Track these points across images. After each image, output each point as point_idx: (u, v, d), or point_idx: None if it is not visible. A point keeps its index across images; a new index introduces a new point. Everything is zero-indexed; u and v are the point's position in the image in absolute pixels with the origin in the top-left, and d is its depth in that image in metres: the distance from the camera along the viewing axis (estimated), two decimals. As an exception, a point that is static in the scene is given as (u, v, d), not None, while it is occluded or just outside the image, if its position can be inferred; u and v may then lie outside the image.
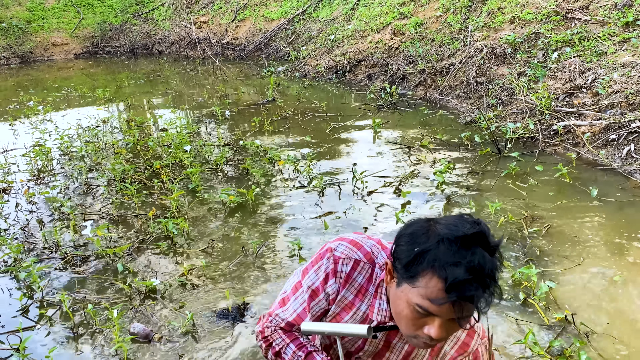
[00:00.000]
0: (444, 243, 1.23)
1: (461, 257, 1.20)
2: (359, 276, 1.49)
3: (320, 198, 4.50)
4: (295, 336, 1.60)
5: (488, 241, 1.24)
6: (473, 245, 1.22)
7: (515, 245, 3.55)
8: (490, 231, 1.27)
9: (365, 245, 1.52)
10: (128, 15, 16.18)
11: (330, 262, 1.49)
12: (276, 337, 1.61)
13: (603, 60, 5.87)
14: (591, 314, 2.84)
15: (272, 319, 1.62)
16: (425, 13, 9.31)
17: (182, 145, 5.58)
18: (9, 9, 15.07)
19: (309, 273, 1.53)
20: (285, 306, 1.59)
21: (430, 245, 1.24)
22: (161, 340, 2.81)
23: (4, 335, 2.93)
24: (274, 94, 8.53)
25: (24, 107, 8.45)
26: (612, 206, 3.99)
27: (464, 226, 1.24)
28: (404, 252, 1.29)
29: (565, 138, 5.28)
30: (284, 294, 1.62)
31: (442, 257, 1.21)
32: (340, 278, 1.49)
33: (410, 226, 1.34)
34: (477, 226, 1.25)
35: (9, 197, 4.85)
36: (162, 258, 3.69)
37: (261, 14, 13.69)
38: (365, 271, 1.49)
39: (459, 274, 1.18)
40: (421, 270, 1.24)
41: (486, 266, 1.21)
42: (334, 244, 1.52)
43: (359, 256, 1.49)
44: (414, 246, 1.27)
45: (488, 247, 1.24)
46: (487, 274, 1.21)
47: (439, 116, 6.72)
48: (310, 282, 1.52)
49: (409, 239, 1.30)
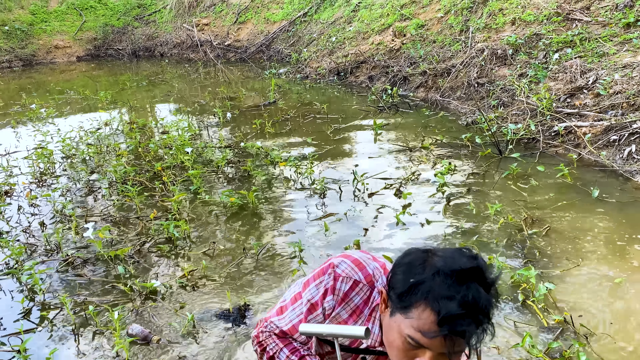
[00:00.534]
0: (439, 276, 1.22)
1: (455, 291, 1.18)
2: (356, 297, 1.49)
3: (321, 200, 4.50)
4: (288, 341, 1.61)
5: (484, 277, 1.23)
6: (469, 280, 1.20)
7: (515, 246, 3.55)
8: (488, 267, 1.26)
9: (368, 267, 1.51)
10: (130, 18, 16.23)
11: (331, 278, 1.49)
12: (270, 342, 1.62)
13: (604, 61, 5.87)
14: (591, 315, 2.83)
15: (268, 324, 1.64)
16: (427, 15, 9.32)
17: (183, 147, 5.59)
18: (11, 12, 15.13)
19: (310, 286, 1.54)
20: (283, 315, 1.60)
21: (425, 277, 1.23)
22: (159, 342, 2.82)
23: (5, 337, 2.95)
24: (275, 95, 8.55)
25: (27, 110, 8.48)
26: (613, 207, 3.98)
27: (461, 260, 1.23)
28: (399, 282, 1.29)
29: (567, 139, 5.27)
30: (283, 303, 1.63)
31: (436, 289, 1.20)
32: (338, 296, 1.49)
33: (408, 256, 1.34)
34: (474, 261, 1.24)
35: (11, 199, 4.87)
36: (163, 260, 3.70)
37: (262, 16, 13.71)
38: (364, 293, 1.49)
39: (452, 308, 1.17)
40: (415, 301, 1.23)
41: (480, 302, 1.19)
42: (337, 260, 1.52)
43: (359, 277, 1.49)
44: (409, 276, 1.26)
45: (484, 282, 1.23)
46: (481, 310, 1.20)
47: (440, 117, 6.73)
48: (310, 295, 1.53)
49: (405, 269, 1.30)
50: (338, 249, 3.64)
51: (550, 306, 2.92)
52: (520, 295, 2.98)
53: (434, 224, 3.94)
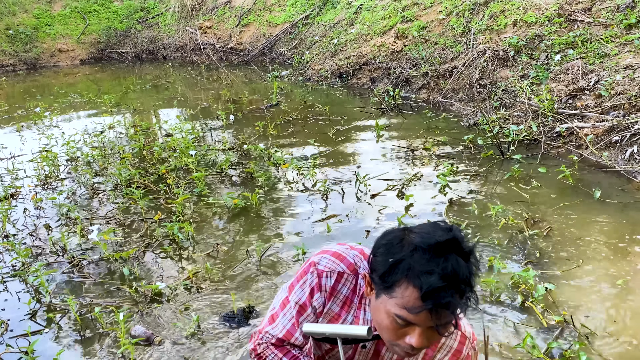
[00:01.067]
0: (417, 252, 1.24)
1: (435, 265, 1.20)
2: (344, 288, 1.51)
3: (323, 201, 4.53)
4: (287, 350, 1.62)
5: (462, 247, 1.25)
6: (446, 252, 1.22)
7: (516, 247, 3.57)
8: (464, 237, 1.28)
9: (348, 257, 1.53)
10: (133, 21, 16.30)
11: (315, 276, 1.50)
12: (269, 353, 1.63)
13: (606, 62, 5.88)
14: (591, 315, 2.85)
15: (263, 336, 1.64)
16: (428, 16, 9.34)
17: (187, 150, 5.63)
18: (15, 16, 15.21)
19: (295, 289, 1.55)
20: (275, 323, 1.61)
21: (404, 255, 1.25)
22: (162, 343, 2.84)
23: (12, 339, 2.98)
24: (277, 98, 8.58)
25: (31, 113, 8.53)
26: (615, 208, 4.00)
27: (437, 233, 1.25)
28: (379, 263, 1.31)
29: (568, 140, 5.29)
30: (273, 311, 1.64)
31: (416, 265, 1.22)
32: (325, 291, 1.50)
33: (386, 236, 1.35)
34: (450, 232, 1.26)
35: (17, 202, 4.91)
36: (168, 262, 3.74)
37: (265, 19, 13.76)
38: (350, 282, 1.51)
39: (433, 282, 1.19)
40: (397, 280, 1.25)
41: (460, 272, 1.21)
42: (316, 258, 1.53)
43: (342, 268, 1.50)
44: (388, 256, 1.28)
45: (462, 253, 1.25)
46: (462, 280, 1.22)
47: (442, 119, 6.75)
48: (297, 297, 1.54)
49: (384, 250, 1.32)
50: (341, 250, 3.65)
51: (550, 307, 2.94)
52: (519, 296, 3.00)
53: (436, 225, 3.96)
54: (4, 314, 3.22)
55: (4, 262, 3.84)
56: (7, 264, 3.79)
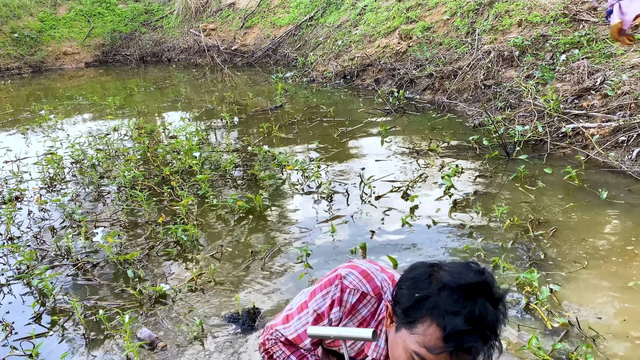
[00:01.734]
0: (445, 290, 1.20)
1: (462, 307, 1.17)
2: (364, 309, 1.48)
3: (328, 203, 4.51)
4: (295, 348, 1.61)
5: (492, 292, 1.21)
6: (475, 295, 1.19)
7: (521, 248, 3.54)
8: (496, 282, 1.24)
9: (376, 279, 1.50)
10: (137, 24, 16.34)
11: (338, 289, 1.48)
12: (277, 350, 1.63)
13: (612, 62, 5.84)
14: (597, 317, 2.82)
15: (273, 332, 1.64)
16: (433, 17, 9.32)
17: (191, 152, 5.63)
18: (20, 19, 15.28)
19: (317, 297, 1.53)
20: (288, 323, 1.60)
21: (431, 292, 1.22)
22: (165, 348, 2.83)
23: (17, 342, 2.98)
24: (282, 99, 8.58)
25: (36, 116, 8.56)
26: (622, 208, 3.96)
27: (468, 275, 1.22)
28: (404, 297, 1.27)
29: (574, 140, 5.25)
30: (289, 311, 1.62)
31: (442, 304, 1.18)
32: (345, 307, 1.48)
33: (413, 270, 1.32)
34: (481, 276, 1.22)
35: (22, 204, 4.92)
36: (172, 264, 3.73)
37: (269, 21, 13.77)
38: (371, 305, 1.48)
39: (458, 324, 1.15)
40: (420, 316, 1.21)
41: (487, 317, 1.18)
42: (344, 271, 1.51)
43: (366, 289, 1.48)
44: (415, 291, 1.25)
45: (491, 298, 1.21)
46: (488, 326, 1.18)
47: (447, 120, 6.72)
48: (316, 306, 1.52)
49: (410, 283, 1.28)
50: (345, 251, 3.65)
51: (555, 308, 2.91)
52: (523, 298, 2.97)
53: (440, 226, 3.94)
54: (9, 317, 3.22)
55: (8, 264, 3.84)
56: (11, 267, 3.79)
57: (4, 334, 3.05)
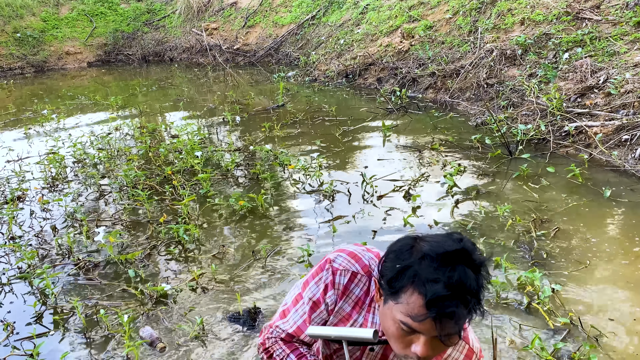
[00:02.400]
0: (425, 260, 1.23)
1: (441, 274, 1.19)
2: (356, 288, 1.51)
3: (330, 202, 4.50)
4: (295, 346, 1.62)
5: (472, 258, 1.23)
6: (455, 262, 1.21)
7: (523, 247, 3.52)
8: (477, 249, 1.26)
9: (364, 258, 1.53)
10: (140, 24, 16.35)
11: (329, 273, 1.51)
12: (277, 348, 1.63)
13: (615, 60, 5.82)
14: (599, 317, 2.80)
15: (273, 330, 1.65)
16: (435, 16, 9.29)
17: (193, 151, 5.62)
18: (23, 19, 15.31)
19: (310, 285, 1.55)
20: (286, 318, 1.61)
21: (412, 262, 1.25)
22: (163, 350, 2.81)
23: (18, 342, 2.97)
24: (284, 99, 8.57)
25: (38, 116, 8.57)
26: (625, 207, 3.94)
27: (447, 243, 1.25)
28: (388, 269, 1.30)
29: (577, 139, 5.23)
30: (285, 306, 1.64)
31: (422, 273, 1.21)
32: (338, 289, 1.51)
33: (397, 243, 1.35)
34: (460, 243, 1.24)
35: (24, 204, 4.92)
36: (173, 263, 3.72)
37: (271, 20, 13.75)
38: (363, 284, 1.51)
39: (438, 290, 1.18)
40: (403, 286, 1.25)
41: (467, 283, 1.20)
42: (333, 255, 1.54)
43: (356, 268, 1.51)
44: (397, 262, 1.28)
45: (472, 264, 1.23)
46: (469, 291, 1.20)
47: (449, 119, 6.70)
48: (311, 293, 1.54)
49: (393, 256, 1.31)
50: (347, 251, 3.63)
51: (557, 308, 2.89)
52: (525, 297, 2.96)
53: (442, 225, 3.93)
54: (10, 317, 3.22)
55: (10, 264, 3.84)
56: (13, 266, 3.79)
57: (5, 333, 3.04)
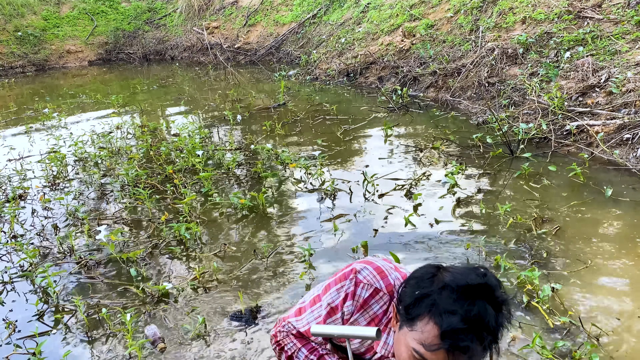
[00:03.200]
0: (445, 290, 1.21)
1: (459, 306, 1.18)
2: (376, 305, 1.49)
3: (331, 201, 4.50)
4: (307, 341, 1.63)
5: (494, 295, 1.21)
6: (476, 296, 1.19)
7: (523, 246, 3.52)
8: (501, 286, 1.24)
9: (390, 277, 1.51)
10: (141, 22, 16.34)
11: (352, 283, 1.50)
12: (288, 342, 1.64)
13: (616, 59, 5.81)
14: (600, 316, 2.80)
15: (285, 324, 1.65)
16: (436, 15, 9.28)
17: (194, 150, 5.62)
18: (24, 18, 15.31)
19: (331, 290, 1.54)
20: (301, 316, 1.61)
21: (432, 291, 1.23)
22: (163, 350, 2.81)
23: (20, 340, 2.98)
24: (285, 97, 8.56)
25: (40, 114, 8.57)
26: (626, 206, 3.94)
27: (470, 276, 1.22)
28: (407, 295, 1.29)
29: (579, 138, 5.23)
30: (302, 304, 1.64)
31: (441, 303, 1.20)
32: (357, 302, 1.49)
33: (419, 270, 1.34)
34: (484, 278, 1.22)
35: (25, 203, 4.93)
36: (175, 262, 3.73)
37: (272, 19, 13.75)
38: (383, 302, 1.49)
39: (454, 322, 1.16)
40: (420, 314, 1.23)
41: (486, 319, 1.17)
42: (359, 266, 1.52)
43: (380, 285, 1.49)
44: (416, 289, 1.27)
45: (494, 301, 1.21)
46: (486, 327, 1.18)
47: (450, 118, 6.70)
48: (330, 299, 1.53)
49: (414, 282, 1.30)
50: (348, 250, 3.64)
51: (557, 307, 2.89)
52: (524, 296, 2.96)
53: (443, 224, 3.93)
54: (12, 315, 3.22)
55: (12, 262, 3.85)
56: (15, 265, 3.80)
57: (7, 332, 3.05)
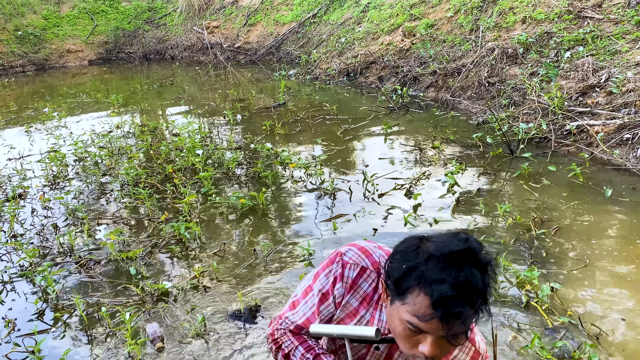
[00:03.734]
0: (431, 260, 1.23)
1: (447, 274, 1.20)
2: (365, 284, 1.51)
3: (331, 200, 4.50)
4: (304, 339, 1.62)
5: (478, 258, 1.23)
6: (461, 262, 1.21)
7: (522, 246, 3.52)
8: (483, 248, 1.26)
9: (374, 254, 1.53)
10: (141, 22, 16.35)
11: (339, 266, 1.51)
12: (285, 340, 1.63)
13: (617, 59, 5.81)
14: (599, 315, 2.80)
15: (282, 321, 1.65)
16: (436, 14, 9.28)
17: (194, 150, 5.62)
18: (24, 17, 15.31)
19: (320, 277, 1.56)
20: (295, 309, 1.62)
21: (418, 262, 1.25)
22: (162, 350, 2.80)
23: (19, 338, 2.98)
24: (285, 97, 8.56)
25: (40, 114, 8.57)
26: (626, 206, 3.94)
27: (453, 243, 1.24)
28: (394, 269, 1.31)
29: (579, 138, 5.23)
30: (295, 298, 1.64)
31: (428, 273, 1.22)
32: (346, 283, 1.50)
33: (403, 243, 1.36)
34: (466, 243, 1.24)
35: (25, 202, 4.93)
36: (175, 261, 3.73)
37: (272, 18, 13.75)
38: (372, 280, 1.51)
39: (444, 290, 1.18)
40: (409, 286, 1.25)
41: (474, 282, 1.20)
42: (344, 249, 1.55)
43: (366, 264, 1.51)
44: (403, 263, 1.28)
45: (479, 264, 1.23)
46: (475, 291, 1.20)
47: (450, 117, 6.70)
48: (320, 285, 1.54)
49: (400, 257, 1.31)
50: (348, 249, 3.63)
51: (557, 307, 2.89)
52: (524, 296, 2.96)
53: (442, 223, 3.93)
54: (12, 314, 3.22)
55: (11, 262, 3.85)
56: (14, 264, 3.80)
57: (7, 330, 3.05)
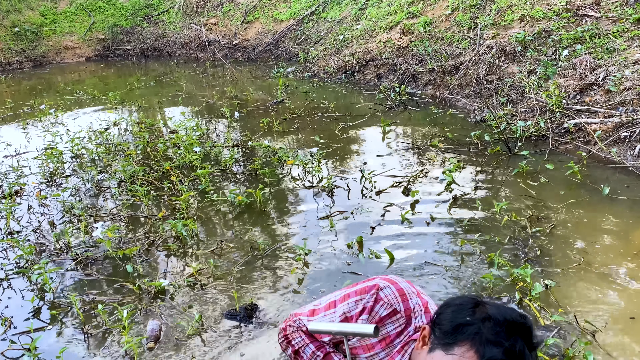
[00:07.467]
0: (490, 322, 1.27)
1: (503, 339, 1.23)
2: (390, 325, 1.51)
3: (329, 198, 4.50)
4: (315, 338, 1.64)
5: (531, 337, 1.27)
6: (517, 333, 1.25)
7: (517, 244, 3.52)
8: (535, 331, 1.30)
9: (411, 301, 1.53)
10: (138, 18, 16.30)
11: (372, 299, 1.51)
12: (296, 336, 1.66)
13: (614, 57, 5.81)
14: (594, 313, 2.80)
15: (297, 320, 1.67)
16: (435, 12, 9.27)
17: (191, 147, 5.61)
18: (21, 14, 15.25)
19: (349, 300, 1.56)
20: (313, 317, 1.63)
21: (474, 320, 1.29)
22: (152, 349, 2.79)
23: (15, 336, 2.97)
24: (282, 94, 8.55)
25: (36, 111, 8.55)
26: (623, 204, 3.94)
27: (513, 313, 1.29)
28: (446, 320, 1.33)
29: (577, 136, 5.23)
30: (317, 306, 1.65)
31: (485, 333, 1.25)
32: (373, 318, 1.51)
33: (458, 299, 1.40)
34: (525, 319, 1.29)
35: (22, 199, 4.91)
36: (172, 259, 3.72)
37: (270, 15, 13.72)
38: (399, 324, 1.51)
39: (496, 354, 1.21)
40: (460, 340, 1.27)
41: (525, 357, 1.23)
42: (383, 283, 1.54)
43: (399, 307, 1.51)
44: (458, 316, 1.32)
45: (530, 342, 1.27)
46: None
47: (448, 115, 6.69)
48: (347, 308, 1.55)
49: (455, 309, 1.35)
50: (344, 246, 3.63)
51: (551, 304, 2.89)
52: (517, 293, 2.96)
53: (439, 221, 3.93)
54: (8, 311, 3.21)
55: (8, 259, 3.83)
56: (11, 261, 3.78)
57: (3, 328, 3.04)
